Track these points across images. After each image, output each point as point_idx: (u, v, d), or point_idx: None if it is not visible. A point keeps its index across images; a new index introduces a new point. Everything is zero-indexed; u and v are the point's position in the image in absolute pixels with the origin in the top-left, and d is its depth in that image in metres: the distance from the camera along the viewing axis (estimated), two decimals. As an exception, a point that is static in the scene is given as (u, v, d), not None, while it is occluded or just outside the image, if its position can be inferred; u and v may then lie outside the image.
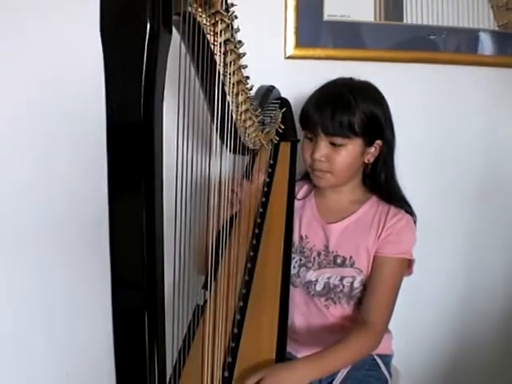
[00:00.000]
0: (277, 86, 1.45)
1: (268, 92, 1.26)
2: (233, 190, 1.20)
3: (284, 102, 1.36)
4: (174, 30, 0.61)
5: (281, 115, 1.29)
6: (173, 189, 0.74)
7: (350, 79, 1.28)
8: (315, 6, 1.57)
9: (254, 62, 0.99)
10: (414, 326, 1.77)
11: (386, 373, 1.27)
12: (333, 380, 1.21)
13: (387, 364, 1.30)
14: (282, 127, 1.30)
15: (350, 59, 1.61)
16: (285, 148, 1.36)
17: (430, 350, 1.81)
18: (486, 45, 1.73)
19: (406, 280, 1.28)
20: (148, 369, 0.62)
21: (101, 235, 0.65)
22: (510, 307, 1.84)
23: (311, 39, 1.58)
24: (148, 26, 0.54)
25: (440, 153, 1.72)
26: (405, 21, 1.63)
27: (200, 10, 0.75)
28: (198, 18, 0.76)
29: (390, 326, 1.33)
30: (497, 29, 1.72)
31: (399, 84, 1.65)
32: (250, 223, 1.26)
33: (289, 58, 1.58)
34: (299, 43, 1.58)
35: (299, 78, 1.55)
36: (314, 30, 1.58)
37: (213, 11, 0.79)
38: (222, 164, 1.00)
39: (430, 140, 1.71)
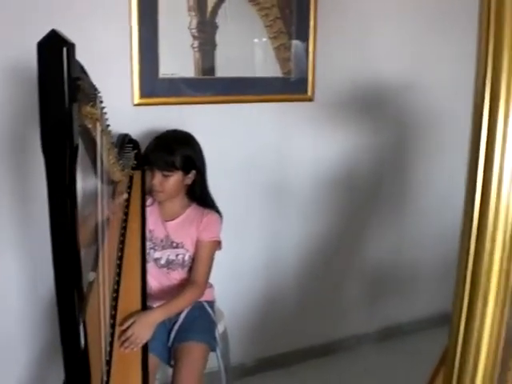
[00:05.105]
0: (128, 125, 2.05)
1: (124, 140, 1.92)
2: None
3: (135, 144, 2.02)
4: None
5: (134, 155, 1.96)
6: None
7: (174, 130, 1.99)
8: (153, 67, 2.19)
9: (112, 109, 1.60)
10: (237, 282, 2.54)
11: (211, 313, 2.02)
12: (177, 319, 1.92)
13: (211, 307, 2.05)
14: (135, 162, 1.97)
15: (179, 104, 2.26)
16: (137, 174, 2.03)
17: (247, 297, 2.60)
18: (275, 87, 2.48)
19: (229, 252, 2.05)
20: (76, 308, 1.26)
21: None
22: (300, 265, 2.69)
23: (151, 91, 2.21)
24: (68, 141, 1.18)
25: (245, 165, 2.46)
26: (216, 75, 2.34)
27: (87, 121, 1.40)
28: (88, 125, 1.41)
29: (220, 283, 2.10)
30: (282, 75, 2.48)
31: (215, 118, 2.36)
32: (118, 224, 1.92)
33: (136, 105, 2.19)
34: (143, 94, 2.19)
35: (144, 119, 2.20)
36: (153, 84, 2.21)
37: (94, 118, 1.43)
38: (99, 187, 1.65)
39: (239, 155, 2.44)
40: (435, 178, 2.91)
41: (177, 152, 1.91)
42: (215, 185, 2.08)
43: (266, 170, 2.52)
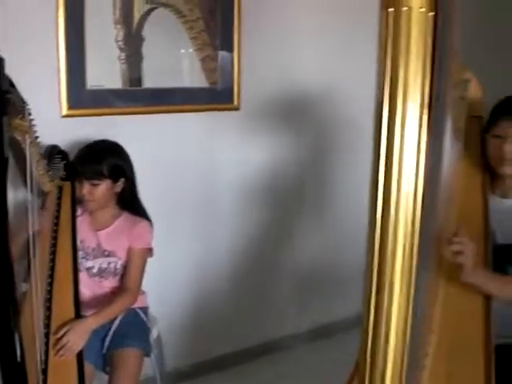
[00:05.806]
0: (57, 137, 2.06)
1: (53, 151, 1.94)
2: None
3: (64, 155, 2.04)
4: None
5: (63, 166, 1.98)
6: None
7: (102, 141, 2.03)
8: (80, 79, 2.21)
9: (41, 121, 1.63)
10: (169, 287, 2.58)
11: (144, 318, 2.06)
12: (111, 326, 1.95)
13: (145, 313, 2.09)
14: (65, 173, 1.99)
15: (107, 115, 2.29)
16: (67, 185, 2.05)
17: (179, 302, 2.65)
18: (202, 97, 2.56)
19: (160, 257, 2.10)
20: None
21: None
22: (231, 268, 2.76)
23: (79, 102, 2.23)
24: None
25: (174, 173, 2.52)
26: (143, 86, 2.39)
27: (16, 133, 1.42)
28: (17, 137, 1.43)
29: (152, 288, 2.14)
30: (208, 85, 2.57)
31: (143, 128, 2.40)
32: (49, 235, 1.93)
33: (64, 116, 2.20)
34: (71, 106, 2.21)
35: (73, 130, 2.20)
36: (81, 96, 2.23)
37: (23, 130, 1.46)
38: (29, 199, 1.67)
39: (168, 163, 2.50)
40: (354, 182, 3.04)
41: (104, 161, 1.94)
42: (145, 192, 2.12)
43: (195, 177, 2.59)
